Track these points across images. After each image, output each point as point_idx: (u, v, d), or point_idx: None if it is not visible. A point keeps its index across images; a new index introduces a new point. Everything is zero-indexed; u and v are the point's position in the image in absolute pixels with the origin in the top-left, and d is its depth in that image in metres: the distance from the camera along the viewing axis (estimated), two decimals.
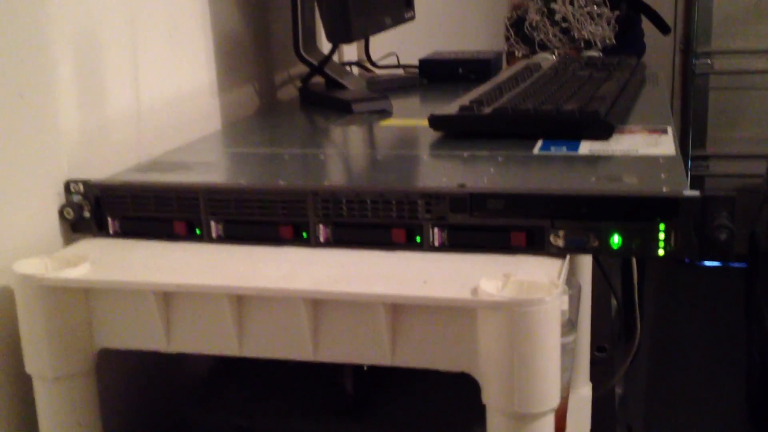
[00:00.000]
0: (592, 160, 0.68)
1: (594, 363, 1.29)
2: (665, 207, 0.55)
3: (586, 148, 0.71)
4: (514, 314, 0.50)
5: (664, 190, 0.57)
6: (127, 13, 0.79)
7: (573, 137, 0.74)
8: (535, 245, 0.59)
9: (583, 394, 1.27)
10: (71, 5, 0.71)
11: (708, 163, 3.07)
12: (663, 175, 0.61)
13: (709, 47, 3.04)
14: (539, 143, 0.74)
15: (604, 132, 0.74)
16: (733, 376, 2.37)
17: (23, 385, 0.63)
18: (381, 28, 1.00)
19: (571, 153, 0.70)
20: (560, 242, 0.58)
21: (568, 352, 0.75)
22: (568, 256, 0.58)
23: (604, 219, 0.57)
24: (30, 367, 0.61)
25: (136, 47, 0.81)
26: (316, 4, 0.96)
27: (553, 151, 0.71)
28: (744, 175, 2.99)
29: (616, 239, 0.57)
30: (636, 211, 0.56)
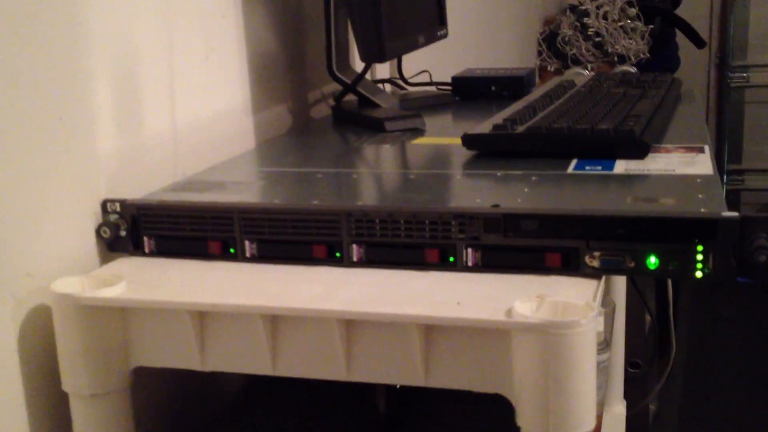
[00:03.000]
0: (628, 179, 0.67)
1: (628, 380, 1.28)
2: (703, 228, 0.55)
3: (621, 167, 0.71)
4: (549, 337, 0.50)
5: (702, 211, 0.56)
6: (165, 36, 0.81)
7: (608, 156, 0.74)
8: (570, 266, 0.58)
9: (616, 412, 1.26)
10: (110, 30, 0.73)
11: (744, 178, 3.02)
12: (700, 196, 0.60)
13: (744, 61, 3.01)
14: (574, 162, 0.73)
15: (639, 151, 0.73)
16: None
17: (60, 403, 0.64)
18: (414, 47, 1.00)
19: (606, 172, 0.69)
20: (596, 263, 0.58)
21: (601, 371, 0.74)
22: (603, 278, 0.58)
23: (640, 240, 0.56)
24: (66, 385, 0.62)
25: (173, 69, 0.82)
26: (349, 23, 0.96)
27: (588, 170, 0.70)
28: None
29: (652, 260, 0.56)
30: (673, 232, 0.55)
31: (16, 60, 0.62)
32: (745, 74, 3.02)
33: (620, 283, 1.09)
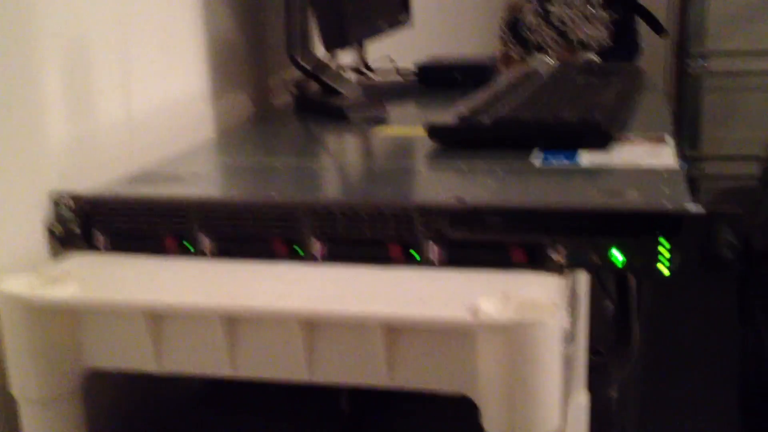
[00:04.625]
0: (593, 172, 0.66)
1: (590, 368, 1.28)
2: (668, 223, 0.54)
3: (586, 159, 0.70)
4: (515, 336, 0.49)
5: (667, 205, 0.55)
6: (118, 20, 0.78)
7: (572, 147, 0.73)
8: (536, 262, 0.57)
9: (580, 401, 1.26)
10: (60, 14, 0.70)
11: (702, 165, 3.06)
12: (665, 190, 0.59)
13: (703, 48, 3.03)
14: (539, 155, 0.72)
15: (603, 142, 0.73)
16: (728, 379, 2.36)
17: (8, 407, 0.62)
18: (376, 32, 0.98)
19: (571, 165, 0.68)
20: (561, 259, 0.57)
21: (567, 363, 0.73)
22: (569, 273, 0.57)
23: (605, 235, 0.55)
24: (15, 389, 0.59)
25: (128, 54, 0.79)
26: (310, 9, 0.94)
27: (553, 162, 0.69)
28: (738, 177, 2.98)
29: (618, 256, 0.55)
30: (638, 227, 0.55)
31: None
32: (703, 61, 3.04)
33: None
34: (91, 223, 0.66)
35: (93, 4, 0.74)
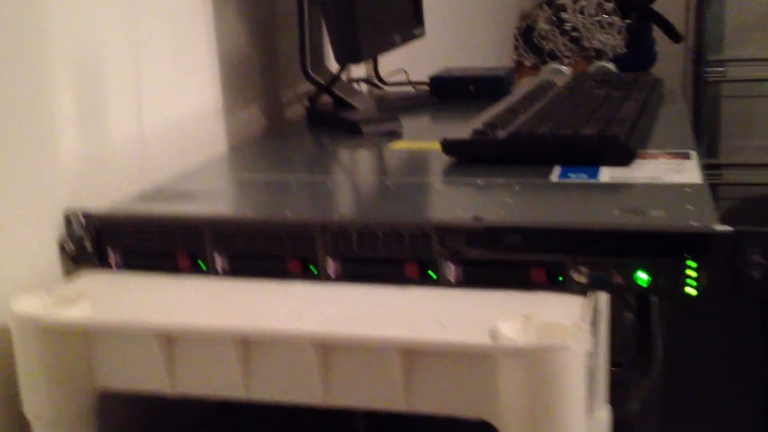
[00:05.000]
0: (614, 188, 0.65)
1: (610, 381, 1.25)
2: (695, 243, 0.52)
3: (606, 174, 0.68)
4: (536, 361, 0.48)
5: (693, 224, 0.54)
6: (130, 35, 0.77)
7: (592, 163, 0.71)
8: (556, 282, 0.56)
9: (601, 417, 1.24)
10: (72, 29, 0.69)
11: (721, 172, 3.03)
12: (690, 207, 0.58)
13: (721, 55, 3.01)
14: (557, 170, 0.71)
15: (624, 158, 0.71)
16: (750, 392, 2.32)
17: (21, 428, 0.61)
18: (390, 46, 0.97)
19: (591, 181, 0.67)
20: (583, 279, 0.55)
21: (588, 380, 0.72)
22: (592, 294, 0.55)
23: (629, 255, 0.54)
24: (28, 410, 0.58)
25: (140, 69, 0.78)
26: (323, 23, 0.93)
27: (572, 178, 0.68)
28: (757, 184, 2.95)
29: (642, 276, 0.54)
30: (663, 247, 0.53)
31: None
32: (721, 68, 3.02)
33: None
34: (104, 241, 0.66)
35: (104, 21, 0.73)
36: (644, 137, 0.79)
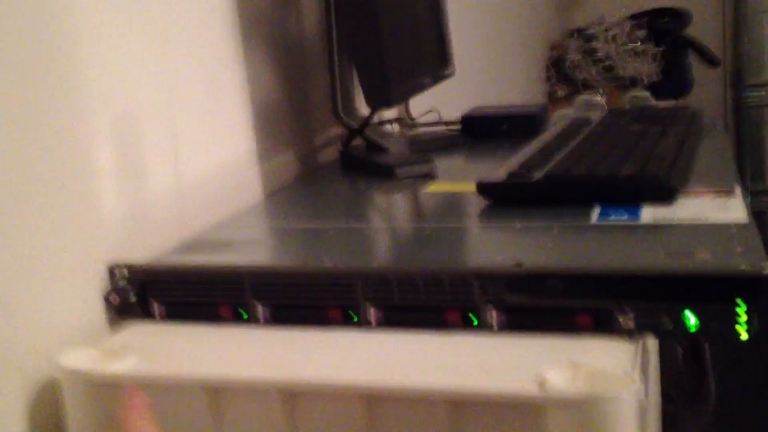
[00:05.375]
0: (657, 229, 0.64)
1: (663, 419, 1.22)
2: (745, 286, 0.51)
3: (648, 214, 0.67)
4: (587, 411, 0.47)
5: (743, 267, 0.53)
6: (165, 88, 0.78)
7: (633, 202, 0.70)
8: (603, 327, 0.55)
9: None
10: (109, 88, 0.70)
11: (767, 199, 2.97)
12: (738, 248, 0.57)
13: (761, 78, 2.96)
14: (597, 210, 0.70)
15: (667, 196, 0.70)
16: None
17: None
18: (421, 88, 0.98)
19: (633, 221, 0.66)
20: (630, 324, 0.54)
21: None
22: (641, 340, 0.54)
23: (677, 299, 0.53)
24: None
25: (175, 122, 0.79)
26: (354, 68, 0.94)
27: (613, 218, 0.67)
28: None
29: (692, 321, 0.53)
30: (713, 290, 0.52)
31: (15, 127, 0.59)
32: (762, 92, 2.97)
33: None
34: (147, 293, 0.66)
35: (140, 75, 0.75)
36: (685, 173, 0.78)
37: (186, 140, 0.81)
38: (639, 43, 2.76)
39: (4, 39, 0.59)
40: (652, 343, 0.59)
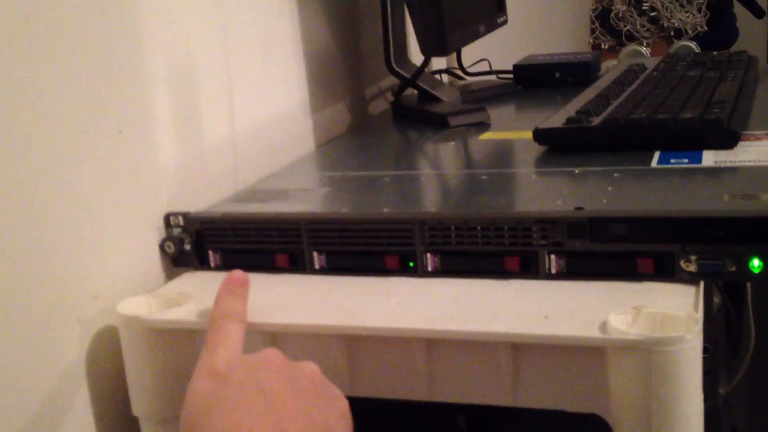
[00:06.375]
0: (719, 173, 0.62)
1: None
2: None
3: (710, 158, 0.66)
4: (650, 354, 0.46)
5: None
6: (221, 40, 0.78)
7: (694, 147, 0.69)
8: (665, 272, 0.54)
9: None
10: (166, 36, 0.70)
11: None
12: None
13: None
14: (657, 155, 0.69)
15: (729, 141, 0.68)
16: None
17: (131, 428, 0.62)
18: (475, 37, 0.96)
19: (694, 165, 0.65)
20: (692, 268, 0.53)
21: None
22: (702, 283, 0.53)
23: (742, 242, 0.52)
24: (137, 409, 0.60)
25: (231, 74, 0.79)
26: (408, 16, 0.93)
27: (674, 163, 0.66)
28: None
29: (756, 263, 0.52)
30: None
31: (73, 72, 0.59)
32: None
33: None
34: (203, 242, 0.67)
35: (197, 27, 0.75)
36: (745, 118, 0.76)
37: (241, 92, 0.81)
38: None
39: None
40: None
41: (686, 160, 0.66)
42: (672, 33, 2.73)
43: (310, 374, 0.48)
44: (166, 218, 0.68)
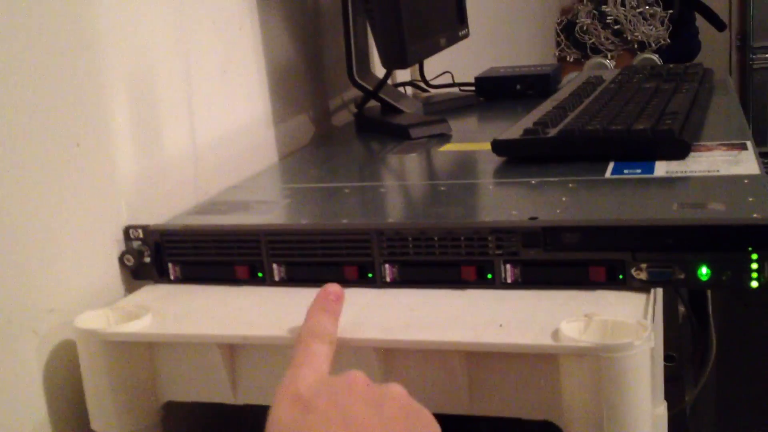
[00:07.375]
0: (670, 183, 0.64)
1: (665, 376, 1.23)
2: (757, 235, 0.51)
3: (662, 169, 0.67)
4: (601, 361, 0.47)
5: (755, 216, 0.53)
6: (182, 52, 0.78)
7: (647, 158, 0.70)
8: (616, 280, 0.55)
9: (659, 413, 1.22)
10: (126, 49, 0.71)
11: None
12: (750, 199, 0.57)
13: (766, 42, 2.95)
14: (611, 165, 0.70)
15: (680, 151, 0.70)
16: None
17: None
18: (436, 49, 0.97)
19: (647, 176, 0.66)
20: (643, 276, 0.55)
21: None
22: (653, 291, 0.55)
23: (690, 250, 0.53)
24: (95, 424, 0.59)
25: (191, 86, 0.79)
26: (369, 29, 0.93)
27: (627, 173, 0.67)
28: None
29: (704, 271, 0.53)
30: (725, 240, 0.52)
31: (30, 85, 0.59)
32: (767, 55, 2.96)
33: None
34: (162, 255, 0.67)
35: (156, 39, 0.75)
36: (698, 129, 0.78)
37: (201, 102, 0.81)
38: (648, 7, 2.74)
39: None
40: (659, 293, 0.59)
41: (639, 171, 0.67)
42: (635, 46, 2.78)
43: (397, 398, 0.45)
44: (126, 231, 0.68)
